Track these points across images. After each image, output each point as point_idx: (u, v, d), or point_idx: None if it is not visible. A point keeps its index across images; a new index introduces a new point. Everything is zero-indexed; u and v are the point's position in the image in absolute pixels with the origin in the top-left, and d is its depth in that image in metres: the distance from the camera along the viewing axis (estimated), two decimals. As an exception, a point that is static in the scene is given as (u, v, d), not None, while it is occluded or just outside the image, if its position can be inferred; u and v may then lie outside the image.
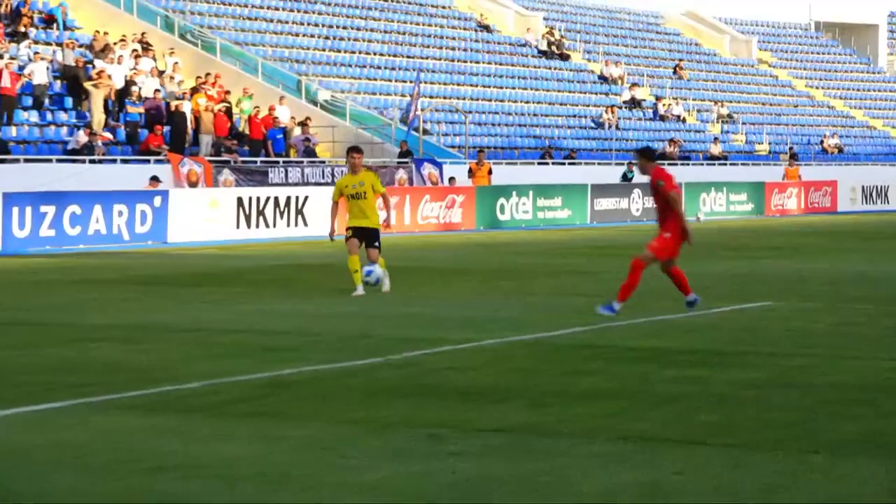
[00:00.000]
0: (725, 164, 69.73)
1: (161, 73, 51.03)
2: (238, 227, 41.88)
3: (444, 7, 75.82)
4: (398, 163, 51.53)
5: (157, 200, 39.77)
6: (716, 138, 73.04)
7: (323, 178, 46.93)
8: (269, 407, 13.51)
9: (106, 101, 46.41)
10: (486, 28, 75.81)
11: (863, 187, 70.71)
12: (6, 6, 50.41)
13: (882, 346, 18.15)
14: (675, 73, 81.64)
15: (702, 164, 68.10)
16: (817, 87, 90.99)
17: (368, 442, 11.80)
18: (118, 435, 12.05)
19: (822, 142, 79.79)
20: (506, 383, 14.81)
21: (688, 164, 66.69)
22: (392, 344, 17.62)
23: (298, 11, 66.39)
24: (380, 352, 17.10)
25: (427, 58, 66.89)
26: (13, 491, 9.99)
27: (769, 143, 75.58)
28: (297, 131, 51.41)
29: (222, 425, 12.47)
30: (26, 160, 42.16)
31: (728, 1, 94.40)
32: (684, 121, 75.07)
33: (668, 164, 65.19)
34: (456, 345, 17.65)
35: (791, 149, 73.94)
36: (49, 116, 45.98)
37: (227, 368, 15.73)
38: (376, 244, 24.60)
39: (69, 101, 47.17)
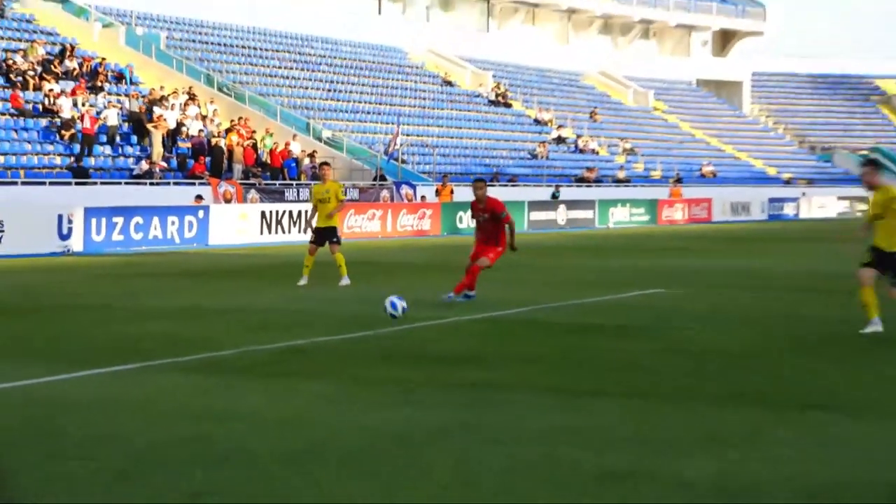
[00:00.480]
0: (628, 186, 69.84)
1: (204, 117, 50.91)
2: (262, 233, 41.81)
3: (416, 67, 75.77)
4: (380, 185, 51.54)
5: (201, 213, 39.68)
6: (621, 166, 73.10)
7: (326, 196, 46.97)
8: (286, 368, 13.49)
9: (162, 138, 46.29)
10: (449, 83, 75.79)
11: (731, 203, 70.92)
12: (87, 66, 50.26)
13: (748, 322, 18.22)
14: (591, 117, 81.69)
15: (611, 186, 68.14)
16: (698, 128, 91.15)
17: (362, 394, 11.79)
18: (174, 389, 12.05)
19: (700, 169, 79.94)
20: (467, 350, 14.80)
21: (601, 186, 66.77)
22: (380, 321, 17.58)
23: (308, 70, 66.26)
24: (371, 327, 17.05)
25: (404, 105, 66.81)
26: (101, 433, 9.97)
27: (661, 170, 75.62)
28: (307, 161, 51.29)
29: (251, 382, 12.44)
30: (102, 183, 42.02)
31: (631, 64, 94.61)
32: (598, 153, 75.08)
33: (586, 186, 65.36)
34: (429, 321, 17.63)
35: (677, 174, 74.07)
36: (119, 150, 45.80)
37: (254, 339, 15.69)
38: (335, 239, 24.49)
39: (134, 139, 46.98)
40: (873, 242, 16.11)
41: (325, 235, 24.53)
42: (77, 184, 41.00)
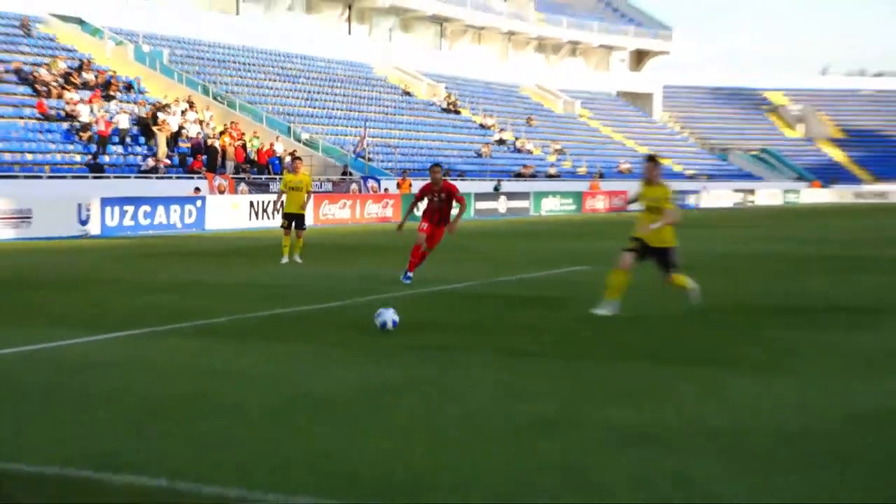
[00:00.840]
0: (558, 180, 69.97)
1: (201, 122, 50.68)
2: (250, 219, 41.72)
3: (380, 80, 75.65)
4: (350, 179, 51.52)
5: (199, 203, 39.56)
6: (552, 164, 73.30)
7: (304, 188, 46.98)
8: (271, 333, 13.48)
9: (167, 139, 46.10)
10: (408, 93, 75.68)
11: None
12: (101, 78, 49.91)
13: (658, 294, 18.32)
14: (527, 122, 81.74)
15: (543, 180, 68.27)
16: (617, 132, 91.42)
17: (334, 355, 11.81)
18: (176, 351, 12.03)
19: (618, 166, 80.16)
20: (423, 318, 14.81)
21: (535, 180, 66.90)
22: (352, 293, 17.61)
23: (289, 82, 66.08)
24: (344, 298, 17.09)
25: (370, 112, 66.73)
26: (114, 388, 9.97)
27: (586, 167, 75.81)
28: (288, 159, 51.02)
29: (242, 345, 12.43)
30: (115, 177, 41.84)
31: (561, 78, 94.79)
32: (532, 153, 75.17)
33: (523, 180, 65.48)
34: (389, 294, 17.65)
35: (600, 171, 74.30)
36: (129, 149, 45.54)
37: (244, 309, 15.69)
38: (304, 226, 24.75)
39: (142, 140, 46.76)
40: (637, 233, 15.06)
41: (295, 220, 24.69)
42: (94, 178, 40.86)
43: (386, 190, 52.13)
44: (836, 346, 12.81)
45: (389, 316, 13.20)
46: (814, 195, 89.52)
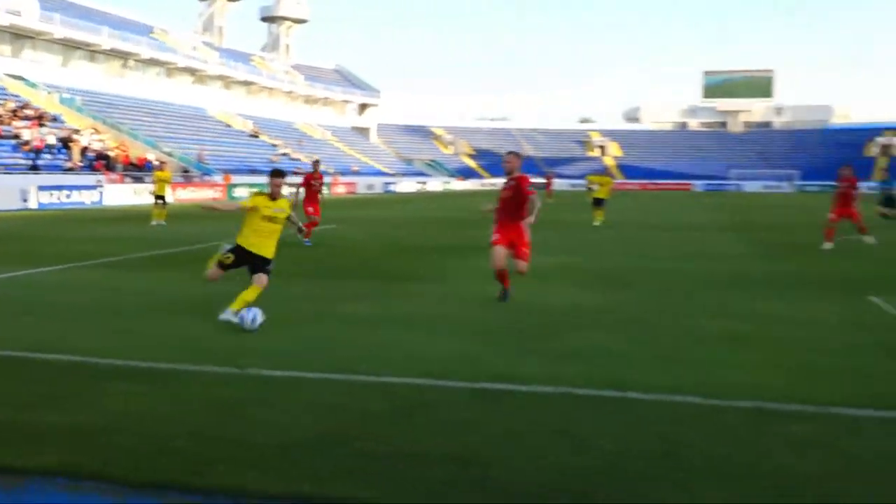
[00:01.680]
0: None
1: (101, 141, 46.88)
2: (132, 199, 38.99)
3: (213, 118, 71.89)
4: (193, 175, 49.00)
5: (100, 189, 36.71)
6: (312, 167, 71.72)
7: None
8: (149, 266, 12.83)
9: (79, 151, 42.42)
10: (229, 126, 72.35)
11: (366, 184, 70.66)
12: (37, 113, 45.32)
13: (387, 240, 18.32)
14: (299, 143, 79.40)
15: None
16: (352, 149, 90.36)
17: (192, 278, 11.29)
18: (90, 277, 11.25)
19: (352, 168, 79.43)
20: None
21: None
22: (197, 241, 16.80)
23: (154, 118, 61.88)
24: (193, 244, 16.28)
25: (206, 136, 63.50)
26: (51, 299, 9.24)
27: (335, 169, 74.62)
28: (157, 163, 47.78)
29: (132, 272, 11.78)
30: (46, 173, 38.06)
31: (322, 119, 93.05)
32: (303, 160, 73.51)
33: (299, 176, 63.95)
34: (224, 241, 16.96)
35: (340, 171, 73.39)
36: (56, 156, 41.63)
37: (131, 251, 14.82)
38: (166, 203, 23.98)
39: (64, 151, 42.80)
40: (240, 241, 8.71)
41: (161, 199, 23.85)
42: (33, 174, 37.26)
43: (215, 182, 50.03)
44: (468, 266, 13.35)
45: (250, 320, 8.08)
46: (458, 185, 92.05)
